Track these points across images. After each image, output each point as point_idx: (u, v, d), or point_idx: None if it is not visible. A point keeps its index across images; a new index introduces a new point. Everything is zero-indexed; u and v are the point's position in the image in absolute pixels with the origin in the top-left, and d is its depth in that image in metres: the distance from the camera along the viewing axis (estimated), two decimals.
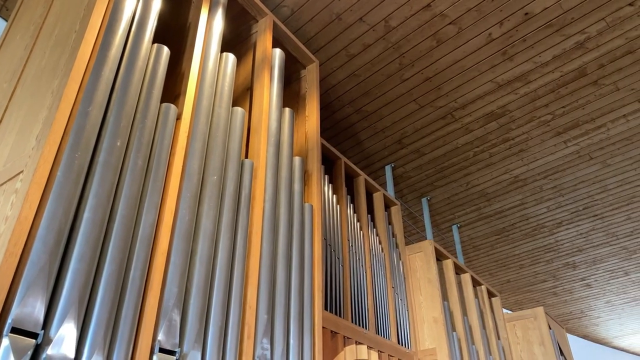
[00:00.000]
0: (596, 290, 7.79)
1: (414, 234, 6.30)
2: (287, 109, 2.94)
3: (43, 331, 1.40)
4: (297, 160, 2.91)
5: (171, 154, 2.06)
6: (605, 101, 4.28)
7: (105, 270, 1.59)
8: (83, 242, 1.55)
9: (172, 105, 2.11)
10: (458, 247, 6.09)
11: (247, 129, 2.80)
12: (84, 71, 1.81)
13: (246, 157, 2.68)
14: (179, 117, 2.16)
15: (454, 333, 4.15)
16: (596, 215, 5.85)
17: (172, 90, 2.36)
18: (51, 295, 1.46)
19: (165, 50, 2.18)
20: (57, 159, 1.63)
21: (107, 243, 1.65)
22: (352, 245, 3.70)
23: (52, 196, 1.53)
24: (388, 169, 5.16)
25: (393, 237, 4.56)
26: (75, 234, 1.57)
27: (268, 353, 2.13)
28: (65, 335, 1.42)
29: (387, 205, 4.73)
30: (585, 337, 9.73)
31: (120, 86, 1.91)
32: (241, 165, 2.44)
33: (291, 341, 2.30)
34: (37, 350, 1.39)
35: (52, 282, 1.45)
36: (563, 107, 4.34)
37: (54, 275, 1.46)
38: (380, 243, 4.22)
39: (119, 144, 1.80)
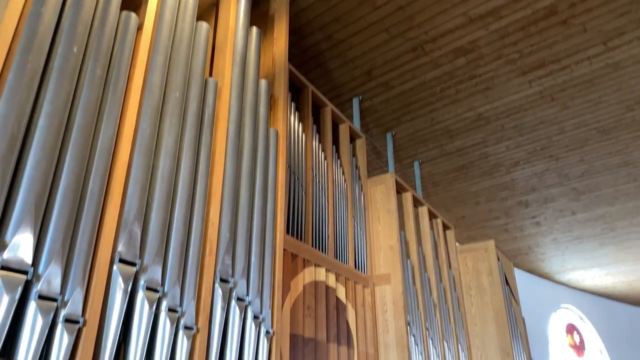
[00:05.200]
0: (544, 228, 8.23)
1: (376, 168, 6.40)
2: (254, 28, 2.84)
3: None
4: (263, 83, 2.85)
5: (131, 66, 1.98)
6: (571, 42, 4.32)
7: (63, 179, 1.56)
8: (38, 150, 1.51)
9: (133, 14, 2.00)
10: (418, 182, 6.25)
11: (212, 47, 2.70)
12: None
13: (210, 75, 2.61)
14: (140, 28, 2.05)
15: (408, 261, 4.34)
16: (552, 156, 6.06)
17: None
18: (5, 201, 1.43)
19: None
20: (7, 61, 1.54)
21: (65, 153, 1.60)
22: (315, 175, 3.74)
23: (3, 100, 1.46)
24: (355, 101, 5.14)
25: (356, 169, 4.62)
26: (30, 141, 1.52)
27: (229, 269, 2.18)
28: (21, 241, 1.41)
29: (353, 137, 4.75)
30: (530, 271, 10.37)
31: None
32: (205, 84, 2.37)
33: (252, 259, 2.35)
34: None
35: (6, 188, 1.41)
36: (531, 45, 4.36)
37: (8, 180, 1.42)
38: (343, 174, 4.28)
39: (75, 50, 1.71)
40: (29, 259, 1.41)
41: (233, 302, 2.15)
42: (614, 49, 4.39)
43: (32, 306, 1.42)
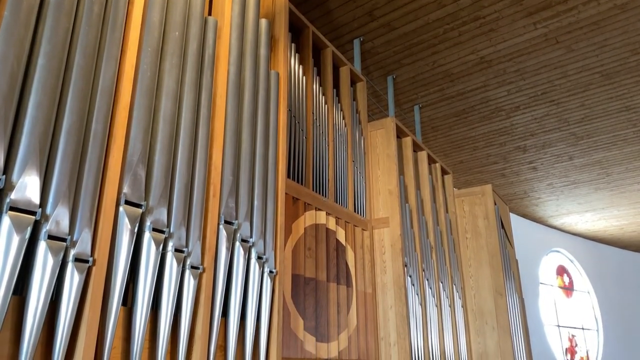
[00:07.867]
0: (541, 173, 8.29)
1: (376, 113, 6.35)
2: None
3: (4, 176, 1.38)
4: (263, 22, 2.77)
5: (130, 3, 1.91)
6: None
7: (65, 121, 1.54)
8: (39, 90, 1.48)
9: None
10: (418, 127, 6.22)
11: None
12: None
13: (209, 14, 2.53)
14: None
15: (406, 204, 4.40)
16: (553, 100, 6.01)
17: None
18: (10, 142, 1.42)
19: None
20: None
21: (66, 93, 1.58)
22: (316, 118, 3.71)
23: (0, 38, 1.42)
24: (356, 42, 5.02)
25: (356, 113, 4.58)
26: (30, 81, 1.49)
27: (233, 212, 2.21)
28: (28, 182, 1.41)
29: (353, 80, 4.68)
30: (524, 216, 10.55)
31: None
32: (204, 23, 2.30)
33: (255, 202, 2.38)
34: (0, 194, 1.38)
35: (9, 128, 1.40)
36: None
37: (10, 121, 1.40)
38: (343, 118, 4.25)
39: None
40: (36, 200, 1.42)
41: (237, 243, 2.19)
42: None
43: (42, 246, 1.44)
